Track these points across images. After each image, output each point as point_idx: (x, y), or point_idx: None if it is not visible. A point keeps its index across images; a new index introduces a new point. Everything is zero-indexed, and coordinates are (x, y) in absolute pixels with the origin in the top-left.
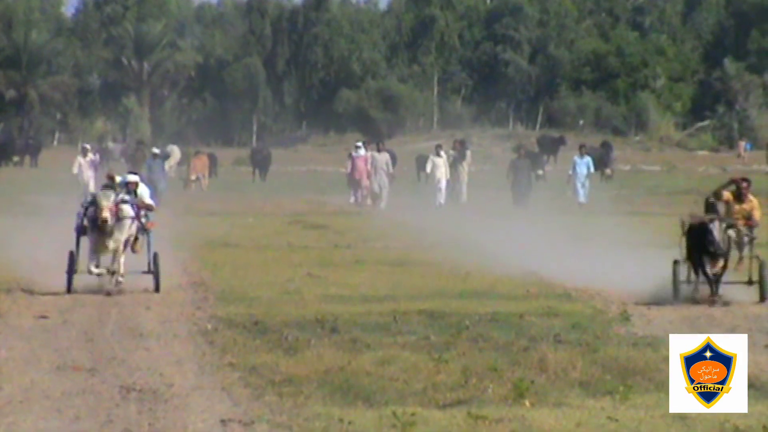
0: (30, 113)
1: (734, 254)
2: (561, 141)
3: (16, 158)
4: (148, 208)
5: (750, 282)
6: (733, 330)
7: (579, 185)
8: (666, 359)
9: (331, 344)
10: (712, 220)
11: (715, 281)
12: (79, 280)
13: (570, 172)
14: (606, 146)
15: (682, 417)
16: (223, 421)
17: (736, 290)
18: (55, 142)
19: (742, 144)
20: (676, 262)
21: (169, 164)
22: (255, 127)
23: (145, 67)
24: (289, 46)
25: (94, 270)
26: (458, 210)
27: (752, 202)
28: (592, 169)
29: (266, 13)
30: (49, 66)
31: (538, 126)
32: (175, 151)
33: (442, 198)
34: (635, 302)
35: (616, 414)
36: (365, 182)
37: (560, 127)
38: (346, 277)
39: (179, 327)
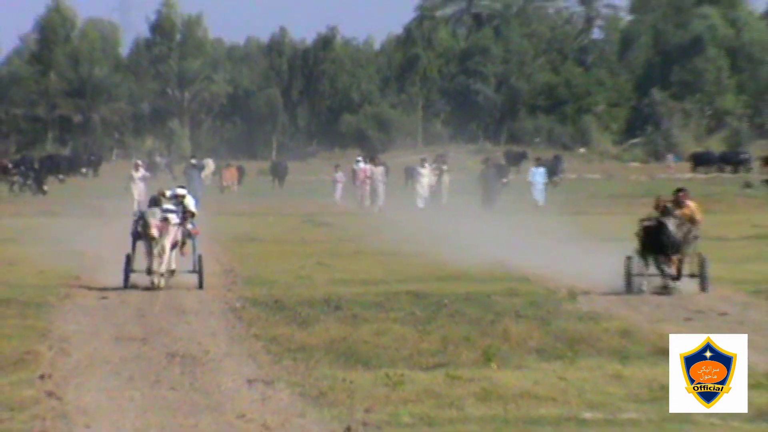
0: (93, 134)
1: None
2: (523, 155)
3: (84, 170)
4: (192, 214)
5: (693, 275)
6: (658, 307)
7: (536, 190)
8: (606, 330)
9: (335, 319)
10: (667, 217)
11: (675, 278)
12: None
13: (529, 179)
14: (557, 159)
15: (617, 375)
16: (249, 381)
17: (681, 282)
18: (114, 157)
19: (670, 157)
20: (629, 258)
21: (205, 174)
22: (274, 145)
23: (186, 96)
24: (302, 80)
25: (152, 275)
26: (439, 211)
27: (691, 207)
28: (545, 177)
29: (283, 53)
30: (108, 95)
31: (502, 143)
32: (210, 164)
33: (422, 203)
34: (580, 285)
35: (565, 374)
36: (365, 187)
37: (520, 143)
38: (349, 265)
39: (214, 305)
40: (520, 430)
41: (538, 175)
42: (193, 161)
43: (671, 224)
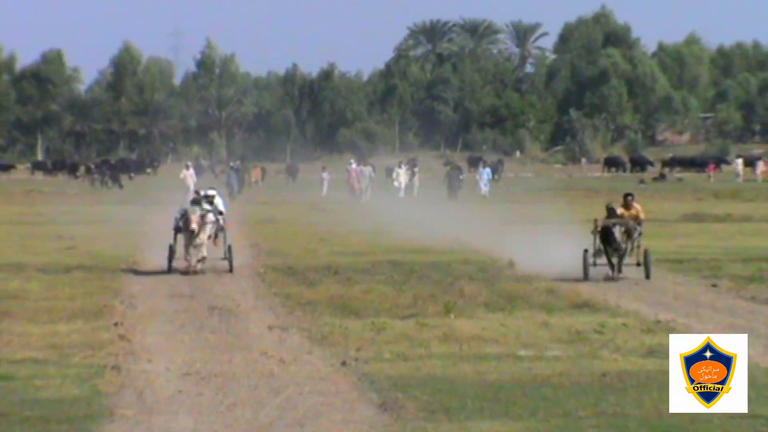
0: (153, 143)
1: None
2: (480, 159)
3: (148, 170)
4: (220, 213)
5: (638, 264)
6: (577, 274)
7: (483, 185)
8: (535, 289)
9: (334, 281)
10: (614, 225)
11: (618, 266)
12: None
13: (477, 177)
14: (499, 162)
15: (544, 323)
16: (269, 327)
17: (628, 270)
18: (169, 161)
19: (584, 160)
20: (585, 251)
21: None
22: (288, 151)
23: (223, 115)
24: (309, 103)
25: (190, 259)
26: (412, 201)
27: (636, 208)
28: (490, 176)
29: (295, 83)
30: (165, 114)
31: (459, 150)
32: (239, 165)
33: (401, 193)
34: (517, 255)
35: (505, 322)
36: (356, 185)
37: (473, 150)
38: (344, 240)
39: (243, 271)
40: (471, 363)
41: (485, 173)
42: (231, 164)
43: (617, 232)
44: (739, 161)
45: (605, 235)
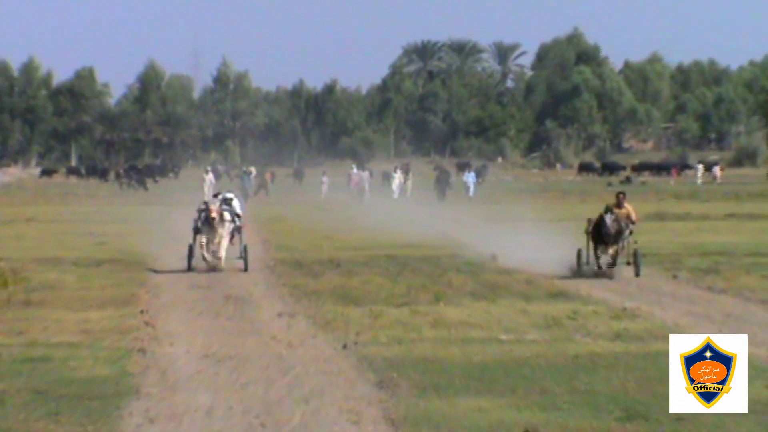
0: (175, 150)
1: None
2: (466, 164)
3: (170, 174)
4: (237, 215)
5: (629, 263)
6: (554, 268)
7: (469, 188)
8: (516, 280)
9: (336, 273)
10: (606, 212)
11: (611, 265)
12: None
13: (464, 180)
14: (483, 166)
15: (524, 310)
16: (278, 314)
17: (619, 267)
18: (189, 166)
19: (558, 165)
20: (580, 250)
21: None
22: (296, 157)
23: (237, 125)
24: (314, 114)
25: (208, 257)
26: (406, 202)
27: (627, 207)
28: (476, 179)
29: (301, 96)
30: (185, 124)
31: (447, 156)
32: (253, 170)
33: (397, 195)
34: (499, 250)
35: (488, 310)
36: (357, 186)
37: (460, 157)
38: (346, 237)
39: (255, 264)
40: (458, 346)
41: (470, 177)
42: (244, 169)
43: (608, 219)
44: (700, 166)
45: (597, 227)
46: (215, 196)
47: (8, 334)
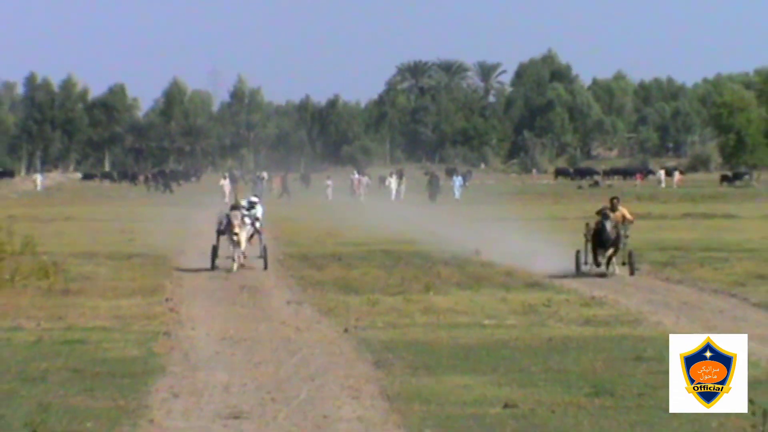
0: (196, 157)
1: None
2: (454, 170)
3: (192, 179)
4: (257, 219)
5: (624, 263)
6: (532, 259)
7: (456, 190)
8: (497, 272)
9: (339, 266)
10: (607, 218)
11: (607, 262)
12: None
13: (451, 184)
14: (468, 172)
15: (503, 299)
16: (287, 302)
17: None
18: (208, 172)
19: (534, 171)
20: (578, 251)
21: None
22: (302, 163)
23: (251, 135)
24: (318, 126)
25: (233, 256)
26: (399, 203)
27: (621, 210)
28: (462, 183)
29: (308, 110)
30: (205, 135)
31: (436, 162)
32: (265, 175)
33: (392, 197)
34: (481, 245)
35: (473, 298)
36: (358, 190)
37: (448, 163)
38: (346, 233)
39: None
40: (446, 331)
41: (457, 181)
42: (257, 174)
43: (608, 225)
44: (662, 171)
45: (597, 233)
46: (238, 204)
47: (49, 319)
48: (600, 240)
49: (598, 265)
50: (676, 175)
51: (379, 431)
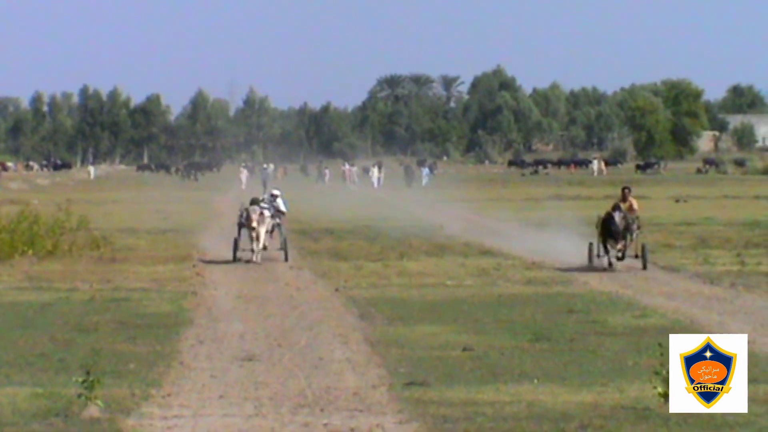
0: (217, 152)
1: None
2: (424, 161)
3: (214, 169)
4: (281, 212)
5: (637, 256)
6: (490, 239)
7: (424, 179)
8: (457, 242)
9: (331, 238)
10: (615, 209)
11: (620, 258)
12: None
13: (420, 173)
14: (434, 163)
15: (462, 264)
16: (290, 267)
17: (629, 261)
18: (227, 163)
19: (487, 162)
20: (591, 244)
21: (270, 171)
22: (301, 157)
23: (260, 134)
24: (314, 127)
25: (251, 253)
26: (380, 189)
27: (631, 201)
28: (428, 173)
29: (305, 114)
30: (224, 134)
31: (408, 156)
32: (271, 166)
33: (374, 185)
34: (444, 221)
35: (438, 264)
36: (348, 178)
37: (419, 156)
38: (337, 212)
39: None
40: (417, 290)
41: (424, 171)
42: (264, 166)
43: (617, 216)
44: (595, 162)
45: (606, 224)
46: (258, 198)
47: (99, 282)
48: (609, 231)
49: (608, 258)
50: (602, 164)
51: (364, 370)
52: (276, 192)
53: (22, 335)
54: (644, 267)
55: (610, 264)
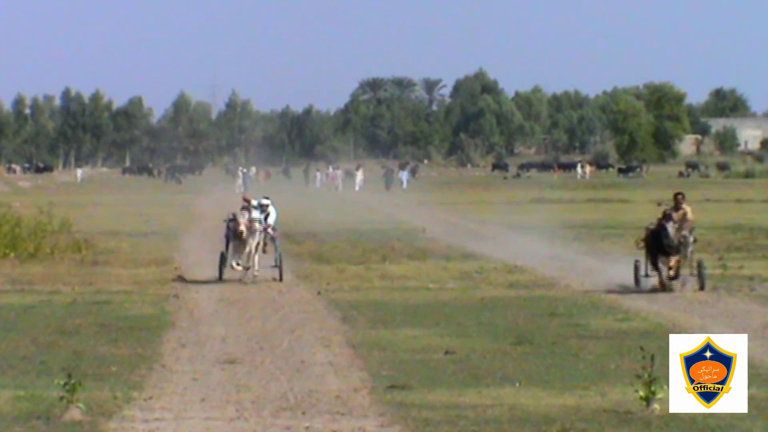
0: (199, 155)
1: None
2: (407, 164)
3: (196, 172)
4: (271, 227)
5: (692, 274)
6: (477, 242)
7: (404, 182)
8: (439, 246)
9: (314, 241)
10: (667, 218)
11: (674, 277)
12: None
13: (399, 176)
14: (416, 166)
15: (445, 267)
16: (272, 267)
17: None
18: (209, 166)
19: (469, 165)
20: (637, 261)
21: (251, 175)
22: (284, 160)
23: (242, 137)
24: (296, 130)
25: (236, 266)
26: (361, 192)
27: (685, 209)
28: (410, 176)
29: (288, 116)
30: (206, 137)
31: (391, 159)
32: (253, 169)
33: (357, 187)
34: (428, 225)
35: (420, 267)
36: (334, 181)
37: (400, 159)
38: (321, 216)
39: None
40: (399, 292)
41: (404, 174)
42: (245, 170)
43: (670, 227)
44: (579, 165)
45: (657, 236)
46: (246, 202)
47: (81, 284)
48: (660, 245)
49: (660, 279)
50: (587, 168)
51: (346, 373)
52: (265, 201)
53: (3, 338)
54: (701, 287)
55: (662, 285)
